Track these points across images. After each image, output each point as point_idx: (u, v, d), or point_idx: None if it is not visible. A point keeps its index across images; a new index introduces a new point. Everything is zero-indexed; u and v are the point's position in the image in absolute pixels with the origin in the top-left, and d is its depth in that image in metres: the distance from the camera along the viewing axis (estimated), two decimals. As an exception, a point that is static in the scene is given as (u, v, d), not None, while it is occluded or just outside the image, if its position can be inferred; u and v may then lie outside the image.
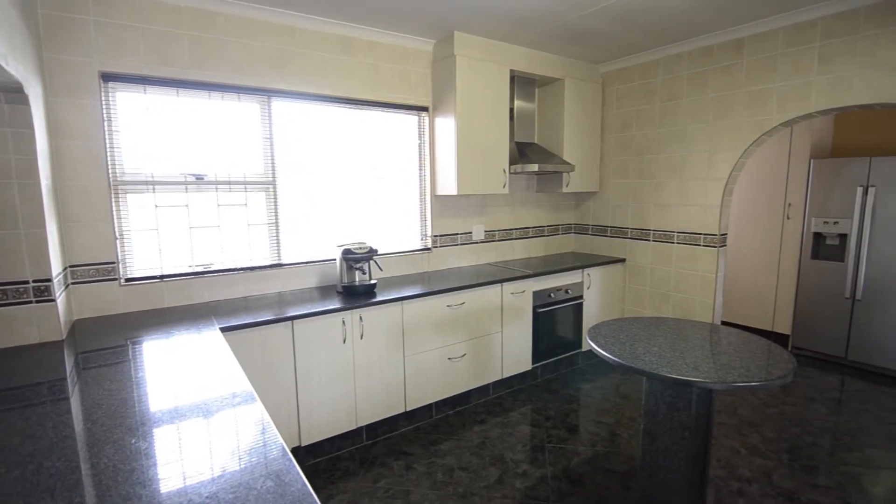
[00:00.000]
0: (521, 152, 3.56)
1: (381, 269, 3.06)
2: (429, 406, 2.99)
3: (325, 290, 2.90)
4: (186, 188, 2.57)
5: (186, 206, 2.58)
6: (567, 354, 3.75)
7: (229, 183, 2.69)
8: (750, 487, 2.30)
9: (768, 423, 2.91)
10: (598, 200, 4.25)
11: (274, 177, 2.82)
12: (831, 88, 2.78)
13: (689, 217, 3.56)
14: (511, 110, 3.62)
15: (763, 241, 4.33)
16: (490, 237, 3.86)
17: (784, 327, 4.23)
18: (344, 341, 2.54)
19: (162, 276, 2.52)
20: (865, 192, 3.63)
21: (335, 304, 2.54)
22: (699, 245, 3.50)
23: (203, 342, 1.89)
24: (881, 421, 2.94)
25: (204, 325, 2.15)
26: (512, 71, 3.45)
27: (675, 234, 3.65)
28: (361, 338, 2.60)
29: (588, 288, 3.78)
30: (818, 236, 3.90)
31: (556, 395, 3.36)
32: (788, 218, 4.14)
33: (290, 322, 2.36)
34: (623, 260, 4.03)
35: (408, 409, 2.85)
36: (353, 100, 3.05)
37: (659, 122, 3.69)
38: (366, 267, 2.86)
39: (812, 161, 3.88)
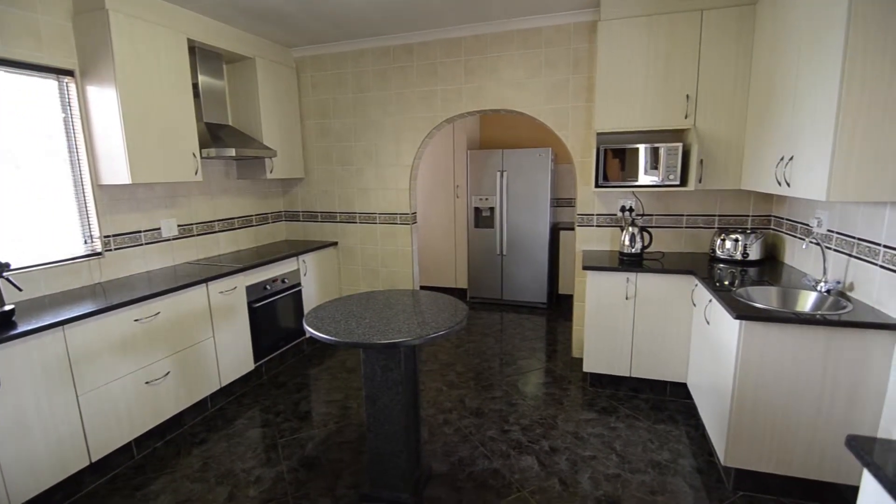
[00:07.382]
0: (214, 135, 3.20)
1: (20, 290, 2.24)
2: (127, 446, 2.44)
3: None
4: None
5: None
6: (292, 344, 3.70)
7: None
8: (451, 415, 2.84)
9: (460, 360, 3.65)
10: (305, 186, 4.27)
11: None
12: (474, 95, 3.58)
13: (386, 199, 4.00)
14: (195, 86, 3.19)
15: (442, 217, 5.30)
16: (186, 232, 3.36)
17: (463, 283, 5.34)
18: (-38, 400, 1.77)
19: None
20: (502, 176, 4.88)
21: (-65, 351, 1.73)
22: (397, 223, 4.00)
23: None
24: (525, 339, 4.11)
25: None
26: (191, 41, 3.03)
27: (378, 215, 4.05)
28: (-3, 388, 1.87)
29: (305, 274, 3.79)
30: (477, 210, 5.04)
31: (285, 387, 3.28)
32: (458, 197, 5.19)
33: None
34: (335, 243, 4.21)
35: (94, 459, 2.25)
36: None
37: (353, 112, 3.96)
38: (-9, 289, 2.04)
39: (468, 152, 4.94)
